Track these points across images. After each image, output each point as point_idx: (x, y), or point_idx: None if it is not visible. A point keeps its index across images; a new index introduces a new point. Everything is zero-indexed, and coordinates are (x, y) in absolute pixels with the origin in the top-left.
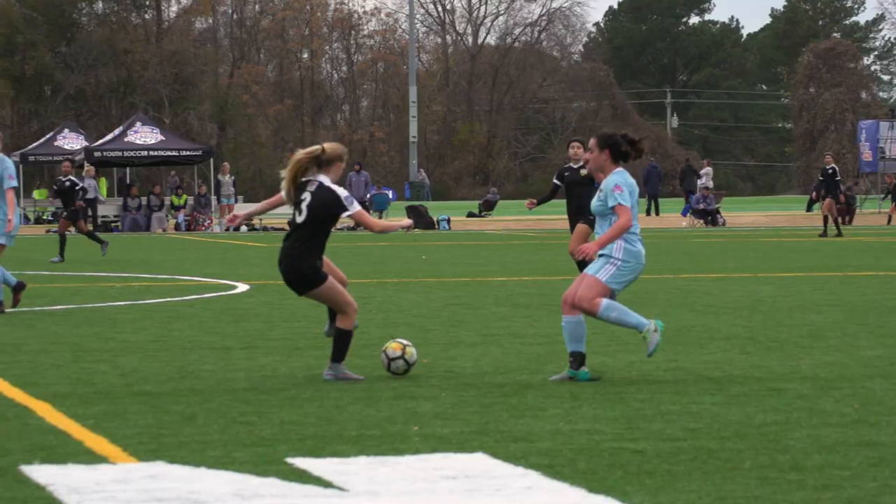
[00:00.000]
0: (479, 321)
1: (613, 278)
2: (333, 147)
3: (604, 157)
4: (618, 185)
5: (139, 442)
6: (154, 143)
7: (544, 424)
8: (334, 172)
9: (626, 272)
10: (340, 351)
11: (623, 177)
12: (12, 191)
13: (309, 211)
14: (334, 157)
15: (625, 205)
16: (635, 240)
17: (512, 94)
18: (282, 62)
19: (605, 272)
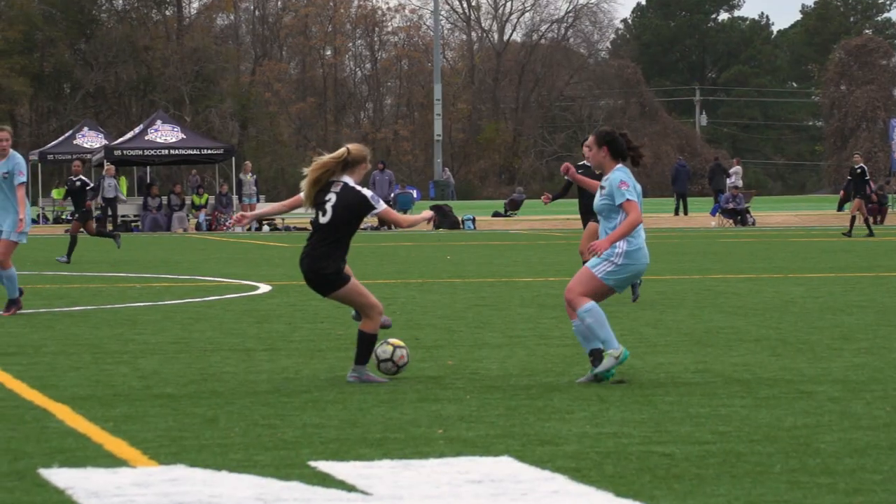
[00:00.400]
0: (505, 322)
1: (610, 275)
2: (358, 148)
3: (602, 153)
4: (623, 181)
5: (159, 445)
6: (175, 141)
7: (571, 427)
8: (358, 174)
9: (625, 271)
10: (364, 353)
11: (626, 173)
12: (23, 187)
13: (333, 212)
14: (360, 159)
15: (633, 200)
16: (638, 239)
17: (538, 91)
18: (304, 59)
19: (602, 269)
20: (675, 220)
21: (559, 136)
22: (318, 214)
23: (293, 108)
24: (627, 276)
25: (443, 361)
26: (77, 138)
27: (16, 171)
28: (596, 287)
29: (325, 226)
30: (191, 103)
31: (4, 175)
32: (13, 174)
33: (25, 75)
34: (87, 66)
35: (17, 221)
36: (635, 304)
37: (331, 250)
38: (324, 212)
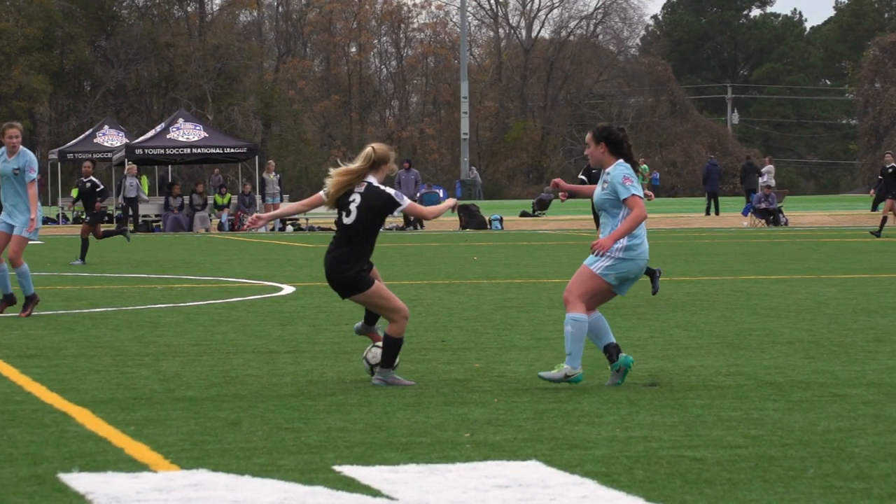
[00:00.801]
0: (533, 324)
1: (609, 270)
2: (383, 148)
3: (601, 150)
4: (626, 177)
5: (181, 449)
6: (197, 140)
7: (600, 431)
8: (382, 173)
9: (624, 267)
10: (390, 357)
11: (629, 169)
12: (34, 185)
13: (358, 212)
14: (385, 158)
15: (637, 195)
16: (638, 234)
17: (567, 89)
18: (329, 56)
19: (601, 264)
20: (706, 220)
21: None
22: (342, 215)
23: (317, 106)
24: (627, 271)
25: (470, 364)
26: (97, 137)
27: (27, 167)
28: (596, 286)
29: (349, 226)
30: (213, 101)
31: (15, 171)
32: (24, 171)
33: (45, 73)
34: (108, 64)
35: (29, 220)
36: (666, 306)
37: (353, 251)
38: (348, 212)
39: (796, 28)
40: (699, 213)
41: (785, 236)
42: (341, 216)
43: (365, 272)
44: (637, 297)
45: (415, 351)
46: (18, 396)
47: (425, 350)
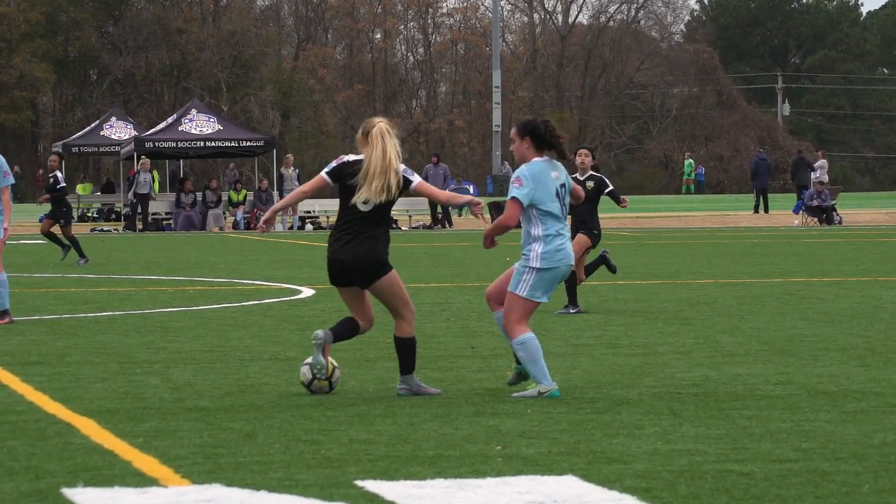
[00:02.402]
0: (569, 329)
1: (533, 289)
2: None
3: (525, 145)
4: (518, 178)
5: (193, 462)
6: (210, 132)
7: (641, 444)
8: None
9: (547, 277)
10: (410, 361)
11: (531, 168)
12: (8, 189)
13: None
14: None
15: (517, 198)
16: (553, 237)
17: (606, 78)
18: (352, 43)
19: (524, 286)
20: (754, 218)
21: (628, 126)
22: (356, 202)
23: (339, 96)
24: (551, 280)
25: (501, 372)
26: (104, 129)
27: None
28: (528, 308)
29: (368, 213)
30: (228, 91)
31: None
32: None
33: (48, 61)
34: (116, 51)
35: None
36: (711, 310)
37: (377, 236)
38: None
39: (852, 13)
40: (747, 210)
41: (839, 236)
42: (350, 203)
43: (388, 255)
44: (680, 301)
45: (443, 358)
46: (20, 406)
47: (454, 357)
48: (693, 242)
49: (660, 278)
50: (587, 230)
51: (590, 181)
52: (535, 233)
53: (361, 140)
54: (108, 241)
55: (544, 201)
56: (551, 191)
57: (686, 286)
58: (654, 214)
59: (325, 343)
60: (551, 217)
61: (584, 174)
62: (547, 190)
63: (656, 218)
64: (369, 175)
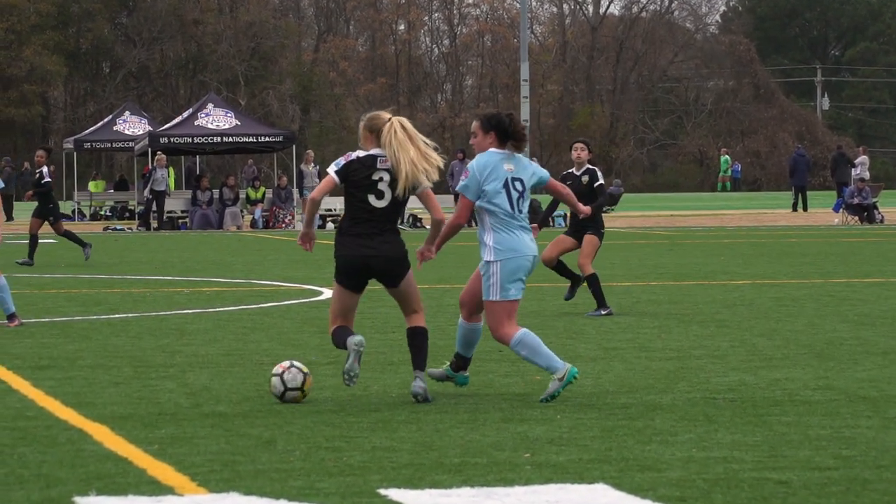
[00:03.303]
0: (600, 332)
1: (502, 292)
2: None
3: (489, 139)
4: (465, 170)
5: (210, 470)
6: (228, 127)
7: (675, 451)
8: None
9: (510, 274)
10: (426, 355)
11: (480, 160)
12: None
13: (392, 191)
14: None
15: (462, 194)
16: (502, 229)
17: (638, 71)
18: (374, 35)
19: (492, 290)
20: (793, 216)
21: (662, 121)
22: (370, 197)
23: (361, 89)
24: (512, 271)
25: (530, 377)
26: (117, 124)
27: None
28: (506, 309)
29: (384, 209)
30: (246, 84)
31: None
32: None
33: (59, 53)
34: (129, 43)
35: None
36: (748, 312)
37: (397, 231)
38: (378, 194)
39: (894, 3)
40: (785, 209)
41: (881, 235)
42: (367, 199)
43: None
44: (715, 302)
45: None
46: (30, 412)
47: (481, 361)
48: (729, 242)
49: (694, 279)
50: (594, 229)
51: (585, 175)
52: (486, 225)
53: (369, 136)
54: (122, 240)
55: (492, 193)
56: (500, 182)
57: (722, 287)
58: (689, 213)
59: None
60: (500, 210)
61: (580, 168)
62: (496, 182)
63: (691, 216)
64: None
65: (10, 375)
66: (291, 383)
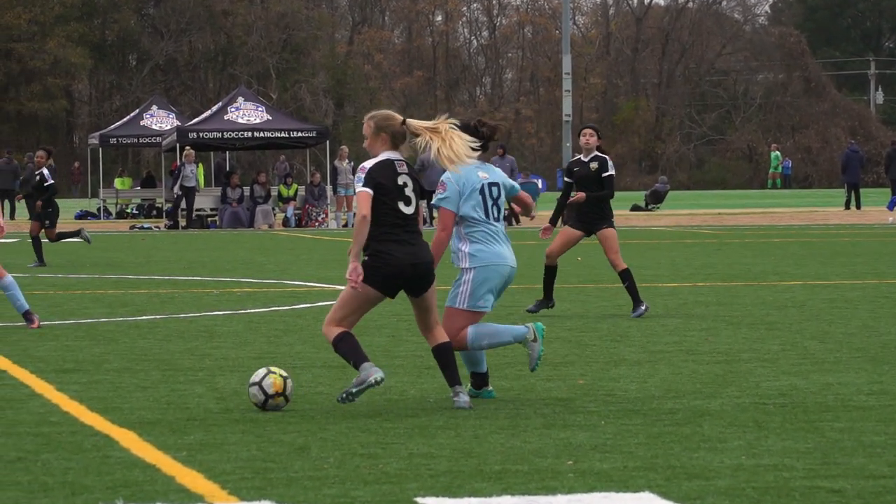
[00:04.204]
0: (645, 335)
1: (470, 300)
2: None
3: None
4: (441, 182)
5: (241, 478)
6: (259, 122)
7: (723, 458)
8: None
9: (482, 283)
10: (456, 367)
11: (454, 174)
12: None
13: (416, 197)
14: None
15: (445, 207)
16: (486, 237)
17: (685, 63)
18: (410, 26)
19: (460, 298)
20: (845, 215)
21: (709, 115)
22: (400, 204)
23: (397, 83)
24: (485, 280)
25: (573, 381)
26: (144, 118)
27: None
28: (468, 320)
29: (413, 216)
30: (277, 78)
31: None
32: None
33: (84, 45)
34: (157, 35)
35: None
36: (799, 314)
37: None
38: (406, 200)
39: None
40: (837, 206)
41: None
42: (399, 206)
43: None
44: (765, 304)
45: (509, 366)
46: (54, 417)
47: (522, 365)
48: (779, 241)
49: (743, 280)
50: (607, 222)
51: (594, 162)
52: (461, 235)
53: (381, 137)
54: (149, 239)
55: (470, 203)
56: (477, 191)
57: (772, 288)
58: (738, 211)
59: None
60: (478, 218)
61: (588, 154)
62: (474, 191)
63: (739, 214)
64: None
65: (34, 379)
66: (271, 389)
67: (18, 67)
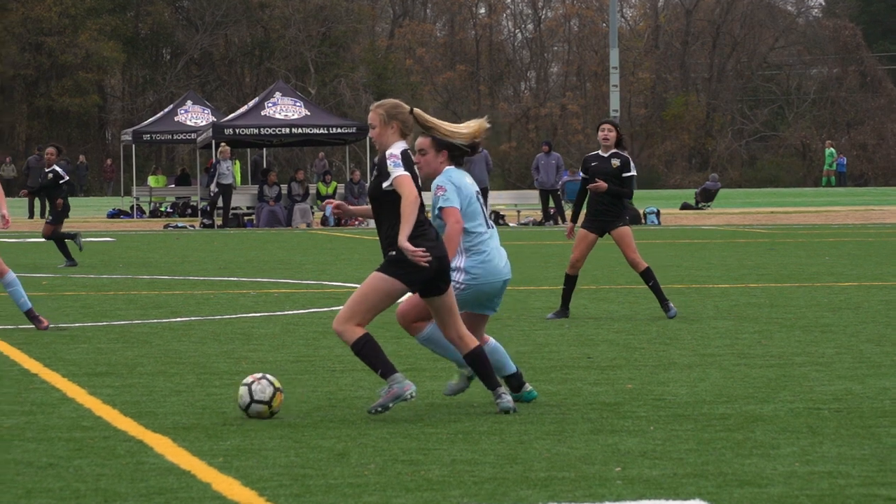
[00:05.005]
0: (696, 338)
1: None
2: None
3: (441, 159)
4: (440, 186)
5: (279, 485)
6: (297, 118)
7: (776, 465)
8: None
9: (472, 300)
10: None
11: (447, 175)
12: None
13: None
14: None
15: (452, 206)
16: (485, 251)
17: (736, 57)
18: (453, 19)
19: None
20: None
21: (761, 111)
22: (422, 195)
23: (439, 77)
24: (476, 299)
25: (621, 385)
26: (178, 114)
27: None
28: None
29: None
30: (316, 72)
31: None
32: None
33: (117, 39)
34: (191, 28)
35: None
36: (854, 316)
37: None
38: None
39: None
40: (894, 205)
41: None
42: (421, 201)
43: None
44: (820, 306)
45: (556, 369)
46: (86, 422)
47: (568, 368)
48: (834, 241)
49: (797, 280)
50: (622, 221)
51: (615, 159)
52: (461, 246)
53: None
54: (183, 238)
55: (470, 212)
56: (473, 197)
57: (827, 289)
58: (791, 209)
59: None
60: (479, 227)
61: (607, 151)
62: (469, 197)
63: (793, 213)
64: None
65: (66, 383)
66: (259, 395)
67: (49, 62)
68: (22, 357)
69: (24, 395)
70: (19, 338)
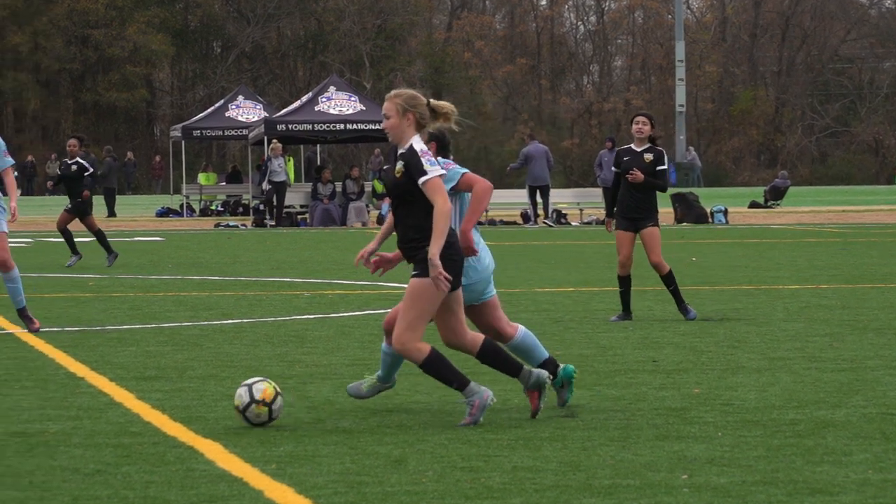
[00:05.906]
0: (765, 341)
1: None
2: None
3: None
4: (448, 163)
5: (334, 492)
6: (351, 113)
7: (849, 473)
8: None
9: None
10: (510, 363)
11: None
12: (11, 170)
13: None
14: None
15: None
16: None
17: (806, 50)
18: (513, 11)
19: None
20: None
21: (832, 106)
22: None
23: (499, 71)
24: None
25: (688, 389)
26: (229, 109)
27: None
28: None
29: None
30: (371, 66)
31: None
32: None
33: (166, 31)
34: (242, 20)
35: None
36: None
37: None
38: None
39: None
40: None
41: None
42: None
43: None
44: (893, 308)
45: (620, 373)
46: (135, 427)
47: (633, 372)
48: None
49: (870, 281)
50: (654, 220)
51: (648, 153)
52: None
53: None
54: (235, 238)
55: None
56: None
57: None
58: (863, 208)
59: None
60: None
61: (641, 144)
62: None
63: (865, 212)
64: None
65: (113, 387)
66: (259, 395)
67: (96, 55)
68: (68, 360)
69: (71, 400)
70: (65, 340)
